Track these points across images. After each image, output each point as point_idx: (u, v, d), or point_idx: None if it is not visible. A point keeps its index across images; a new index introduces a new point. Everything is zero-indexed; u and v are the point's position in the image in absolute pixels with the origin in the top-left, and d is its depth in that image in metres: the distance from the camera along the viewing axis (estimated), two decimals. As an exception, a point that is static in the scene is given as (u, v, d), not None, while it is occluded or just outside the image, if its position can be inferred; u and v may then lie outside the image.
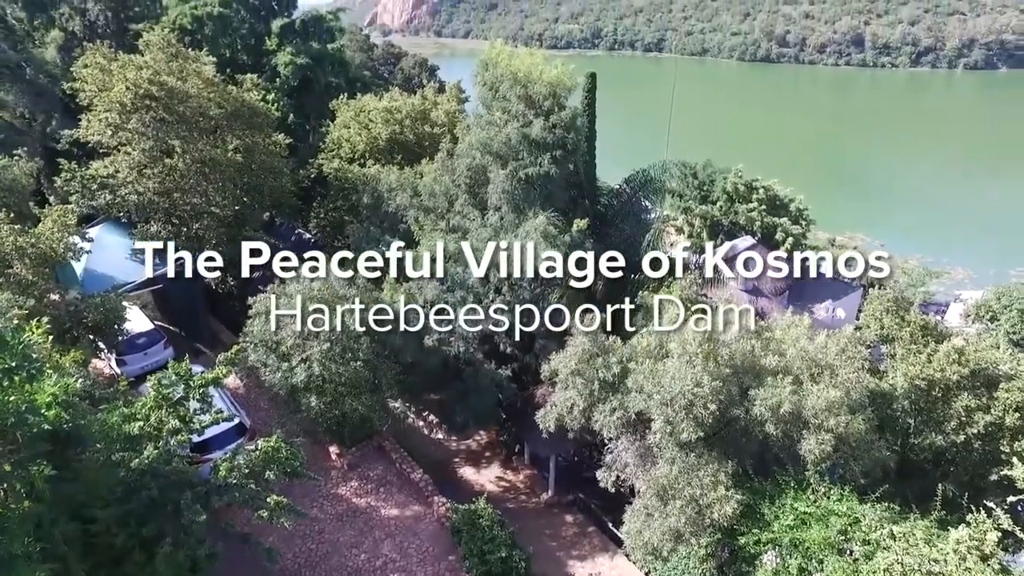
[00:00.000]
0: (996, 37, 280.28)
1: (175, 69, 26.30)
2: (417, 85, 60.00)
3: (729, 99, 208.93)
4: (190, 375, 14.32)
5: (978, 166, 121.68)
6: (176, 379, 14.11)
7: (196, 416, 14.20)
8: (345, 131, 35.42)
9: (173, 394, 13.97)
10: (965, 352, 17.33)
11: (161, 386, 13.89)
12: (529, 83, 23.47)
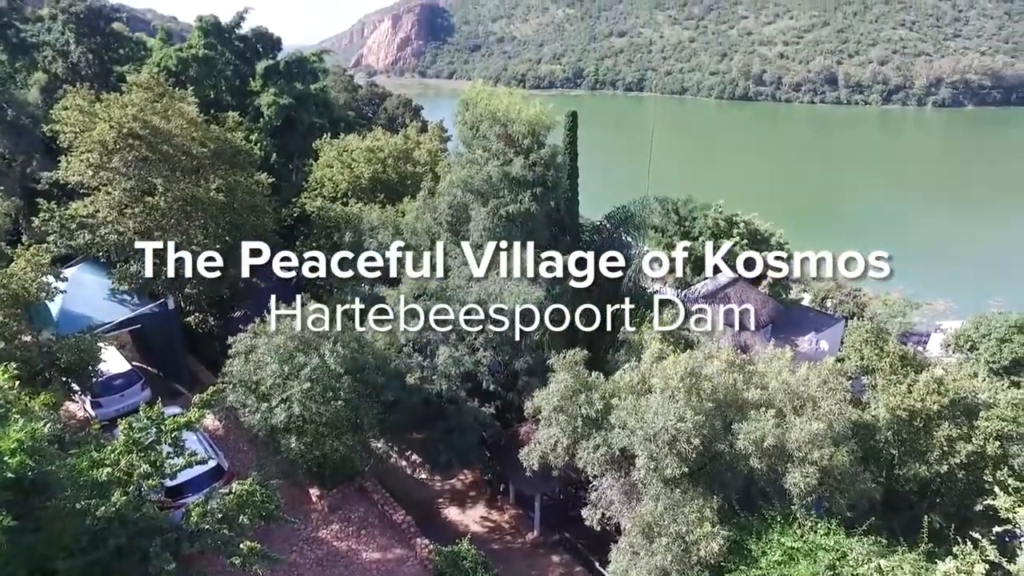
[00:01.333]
0: (961, 77, 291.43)
1: (159, 109, 26.44)
2: (401, 125, 60.76)
3: (709, 136, 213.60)
4: (162, 418, 13.93)
5: (953, 200, 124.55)
6: (148, 422, 13.74)
7: (168, 460, 13.77)
8: (328, 170, 35.64)
9: (144, 438, 13.52)
10: (944, 382, 17.45)
11: (132, 430, 13.48)
12: (508, 122, 23.83)
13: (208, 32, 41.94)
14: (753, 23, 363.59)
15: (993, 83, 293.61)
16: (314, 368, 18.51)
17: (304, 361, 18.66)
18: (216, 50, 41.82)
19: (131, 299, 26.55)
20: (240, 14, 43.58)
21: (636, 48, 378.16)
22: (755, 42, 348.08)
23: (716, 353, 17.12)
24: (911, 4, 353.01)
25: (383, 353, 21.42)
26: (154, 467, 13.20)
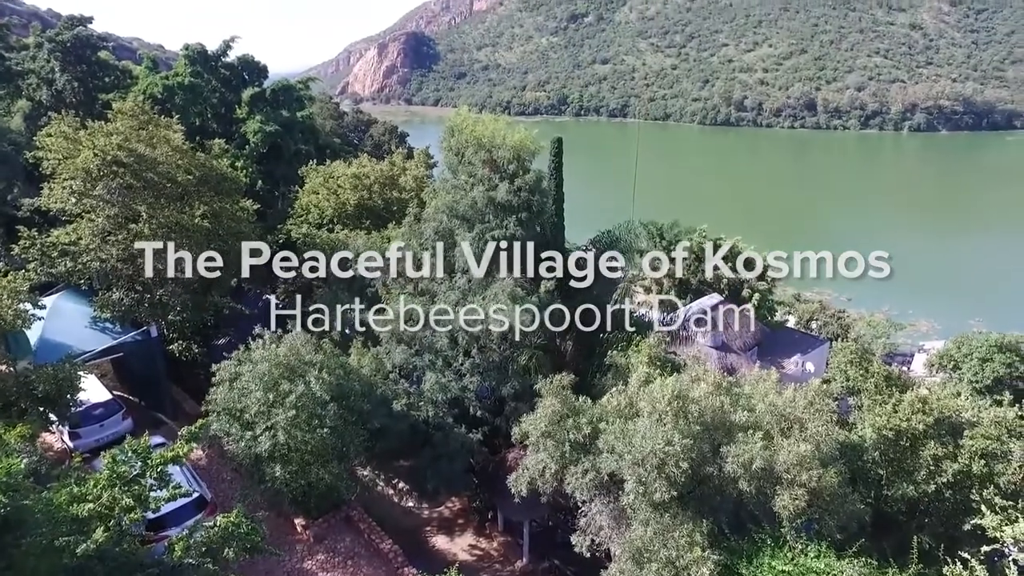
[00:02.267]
0: (934, 102, 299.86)
1: (145, 136, 26.42)
2: (386, 151, 61.04)
3: (692, 161, 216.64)
4: (148, 452, 13.59)
5: (932, 223, 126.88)
6: (132, 456, 13.41)
7: (152, 493, 13.43)
8: (314, 197, 35.65)
9: (128, 472, 13.10)
10: (929, 401, 17.57)
11: (115, 463, 13.10)
12: (493, 148, 24.01)
13: (194, 60, 42.14)
14: (733, 51, 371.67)
15: (965, 108, 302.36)
16: (299, 395, 18.31)
17: (289, 388, 18.47)
18: (202, 78, 41.99)
19: (113, 327, 26.24)
20: (227, 42, 43.87)
21: (619, 75, 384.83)
22: (736, 69, 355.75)
23: (703, 376, 17.15)
24: (884, 33, 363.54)
25: (369, 379, 21.28)
26: (138, 501, 12.74)
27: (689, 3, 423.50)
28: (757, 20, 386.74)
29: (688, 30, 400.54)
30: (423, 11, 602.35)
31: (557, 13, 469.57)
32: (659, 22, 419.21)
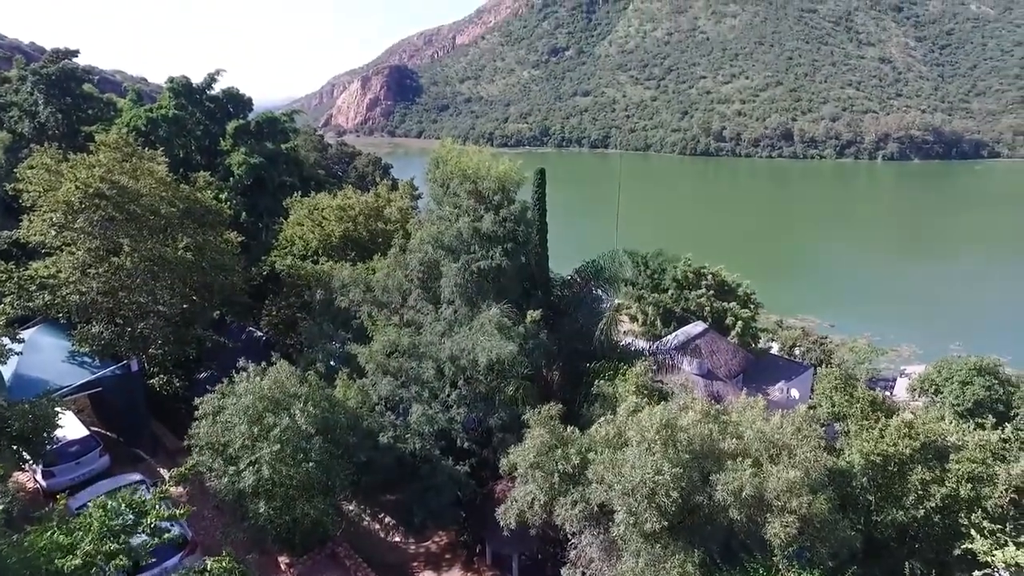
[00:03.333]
0: (906, 132, 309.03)
1: (128, 168, 26.30)
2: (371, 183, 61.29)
3: (674, 191, 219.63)
4: (144, 508, 12.62)
5: (911, 249, 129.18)
6: (126, 509, 12.43)
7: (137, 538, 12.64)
8: (298, 228, 35.59)
9: (120, 525, 12.17)
10: (914, 425, 17.69)
11: (107, 514, 12.17)
12: (478, 179, 24.21)
13: (179, 93, 42.26)
14: (711, 83, 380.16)
15: (935, 138, 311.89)
16: (284, 429, 18.01)
17: (274, 421, 18.16)
18: (187, 110, 42.08)
19: (92, 361, 25.74)
20: (211, 75, 44.09)
21: (600, 107, 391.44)
22: (714, 100, 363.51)
23: (691, 404, 17.15)
24: (855, 66, 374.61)
25: (355, 412, 21.03)
26: (127, 555, 11.86)
27: (667, 37, 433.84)
28: (733, 53, 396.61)
29: (667, 63, 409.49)
30: (406, 45, 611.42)
31: (538, 47, 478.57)
32: (638, 55, 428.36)
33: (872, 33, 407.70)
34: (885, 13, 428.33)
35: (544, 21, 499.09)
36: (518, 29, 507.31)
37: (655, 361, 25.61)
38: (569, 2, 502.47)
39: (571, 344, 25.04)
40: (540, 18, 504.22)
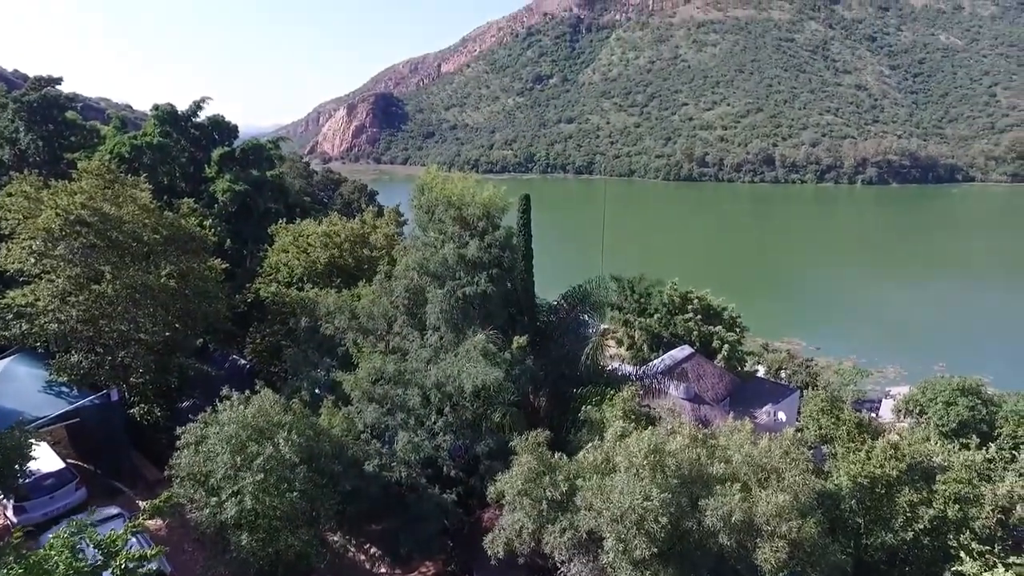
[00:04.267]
0: (883, 157, 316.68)
1: (111, 195, 26.12)
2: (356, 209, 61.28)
3: (659, 216, 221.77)
4: (114, 548, 11.77)
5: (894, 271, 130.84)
6: (95, 550, 11.59)
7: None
8: (283, 255, 35.41)
9: (88, 567, 11.33)
10: (900, 447, 17.75)
11: (75, 557, 11.30)
12: (463, 205, 24.28)
13: (164, 120, 42.27)
14: (693, 109, 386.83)
15: (911, 163, 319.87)
16: (268, 458, 17.67)
17: (257, 451, 17.83)
18: (171, 138, 42.05)
19: (70, 391, 25.25)
20: (197, 103, 44.17)
21: (584, 133, 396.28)
22: (696, 127, 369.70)
23: (678, 428, 17.11)
24: (833, 93, 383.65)
25: (340, 440, 20.70)
26: None
27: (650, 65, 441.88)
28: (715, 81, 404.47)
29: (649, 90, 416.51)
30: (392, 73, 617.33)
31: (523, 75, 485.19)
32: (621, 83, 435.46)
33: (848, 61, 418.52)
34: (860, 43, 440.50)
35: (528, 50, 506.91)
36: (503, 57, 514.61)
37: (642, 386, 25.57)
38: (553, 31, 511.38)
39: (558, 370, 24.95)
40: (524, 47, 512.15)
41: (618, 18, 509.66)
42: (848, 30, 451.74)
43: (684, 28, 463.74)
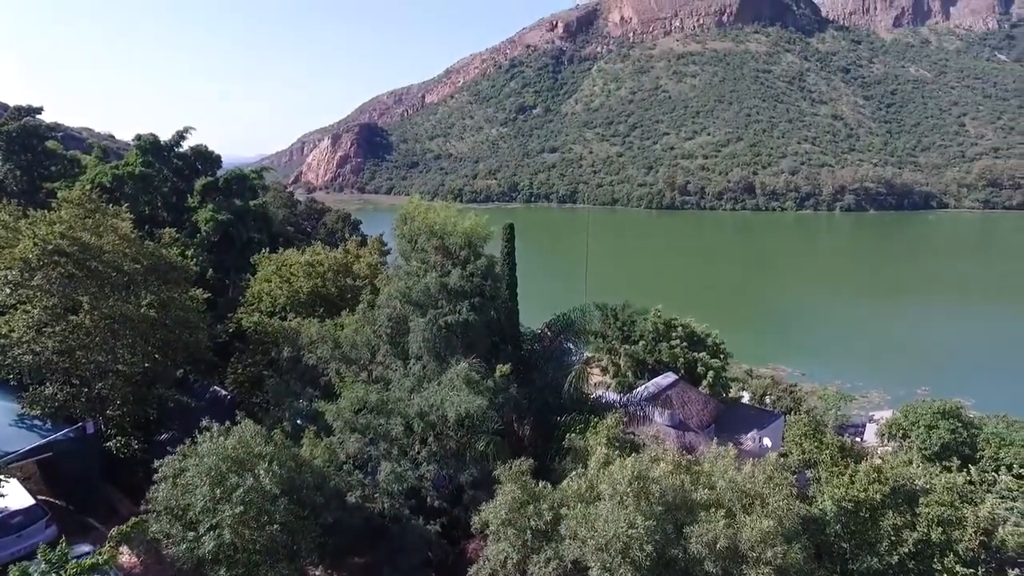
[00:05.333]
0: (860, 185, 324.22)
1: (91, 225, 25.91)
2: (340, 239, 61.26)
3: (642, 244, 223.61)
4: (64, 560, 11.87)
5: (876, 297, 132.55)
6: (47, 568, 11.68)
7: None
8: (266, 285, 35.22)
9: None
10: (883, 470, 17.83)
11: None
12: (445, 234, 24.39)
13: (146, 150, 42.23)
14: (674, 139, 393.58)
15: (887, 190, 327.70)
16: (248, 490, 17.33)
17: (237, 482, 17.50)
18: (154, 167, 41.98)
19: (43, 424, 24.63)
20: (180, 133, 44.22)
21: (567, 163, 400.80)
22: (678, 156, 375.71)
23: (662, 455, 17.08)
24: (810, 122, 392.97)
25: (322, 471, 20.39)
26: None
27: (631, 96, 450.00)
28: (695, 111, 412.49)
29: (631, 120, 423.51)
30: (376, 103, 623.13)
31: (506, 105, 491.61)
32: (603, 113, 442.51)
33: (824, 92, 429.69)
34: (834, 74, 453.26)
35: (511, 80, 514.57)
36: (486, 88, 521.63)
37: (626, 413, 25.54)
38: (535, 63, 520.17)
39: (542, 398, 24.89)
40: (507, 78, 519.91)
41: (599, 50, 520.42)
42: (823, 62, 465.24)
43: (664, 60, 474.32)
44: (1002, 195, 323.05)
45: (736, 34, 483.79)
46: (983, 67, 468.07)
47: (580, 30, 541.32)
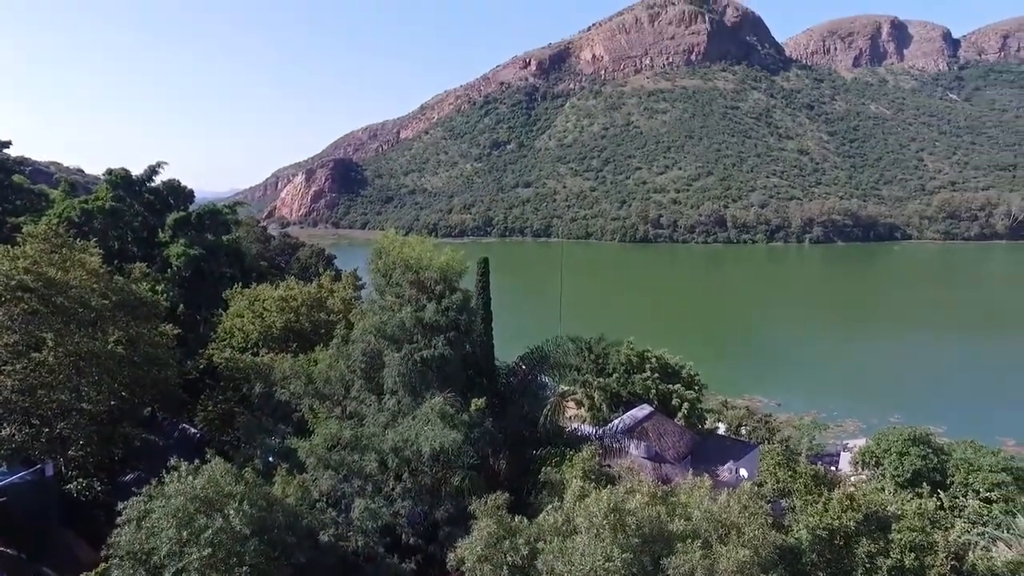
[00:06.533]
0: (828, 217, 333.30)
1: (57, 260, 25.46)
2: (314, 274, 60.80)
3: (616, 277, 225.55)
4: None
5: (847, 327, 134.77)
6: None
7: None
8: (239, 320, 34.79)
9: None
10: (856, 497, 18.00)
11: None
12: (420, 269, 24.47)
13: (117, 184, 41.84)
14: (647, 173, 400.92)
15: (854, 223, 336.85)
16: (216, 531, 16.85)
17: (206, 523, 17.01)
18: (124, 202, 41.54)
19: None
20: (152, 167, 43.95)
21: (542, 197, 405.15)
22: (650, 190, 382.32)
23: (637, 487, 17.05)
24: (778, 157, 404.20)
25: (294, 510, 19.93)
26: None
27: (604, 131, 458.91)
28: (666, 146, 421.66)
29: (604, 155, 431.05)
30: (351, 139, 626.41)
31: (480, 141, 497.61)
32: (576, 149, 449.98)
33: (790, 128, 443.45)
34: (799, 111, 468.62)
35: (485, 116, 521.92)
36: (460, 124, 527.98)
37: (602, 446, 25.50)
38: (509, 99, 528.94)
39: (517, 431, 24.78)
40: (482, 114, 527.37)
41: (572, 87, 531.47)
42: (788, 99, 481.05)
43: (635, 96, 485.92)
44: (960, 226, 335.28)
45: (704, 72, 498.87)
46: (937, 105, 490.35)
47: (553, 67, 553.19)
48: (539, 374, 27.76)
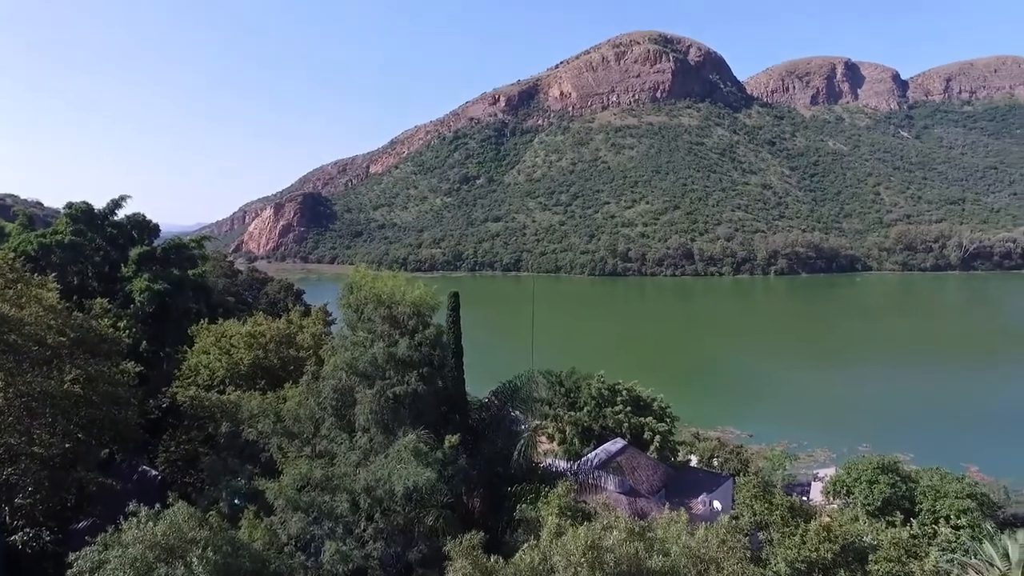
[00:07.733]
0: (792, 250, 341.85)
1: (11, 295, 24.55)
2: (283, 309, 59.88)
3: (585, 310, 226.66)
4: None
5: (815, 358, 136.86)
6: None
7: None
8: (204, 357, 33.87)
9: None
10: (832, 528, 18.01)
11: None
12: (393, 304, 24.20)
13: (78, 218, 40.83)
14: (615, 207, 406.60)
15: (817, 255, 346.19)
16: (177, 581, 16.09)
17: (166, 572, 16.23)
18: (86, 236, 40.52)
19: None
20: (116, 201, 43.07)
21: (511, 232, 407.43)
22: (618, 224, 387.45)
23: (614, 523, 16.82)
24: (742, 191, 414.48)
25: (261, 554, 19.17)
26: None
27: (572, 166, 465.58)
28: (633, 181, 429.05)
29: (572, 190, 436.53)
30: (320, 173, 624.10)
31: (450, 176, 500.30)
32: (545, 183, 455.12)
33: (753, 163, 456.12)
34: (761, 146, 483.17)
35: (455, 151, 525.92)
36: (430, 159, 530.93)
37: (576, 481, 25.22)
38: (479, 135, 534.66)
39: (491, 468, 24.41)
40: (451, 149, 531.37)
41: (541, 123, 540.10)
42: (751, 135, 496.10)
43: (603, 132, 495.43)
44: (917, 257, 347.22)
45: (670, 109, 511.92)
46: (890, 142, 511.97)
47: (522, 103, 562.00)
48: (511, 408, 27.49)
